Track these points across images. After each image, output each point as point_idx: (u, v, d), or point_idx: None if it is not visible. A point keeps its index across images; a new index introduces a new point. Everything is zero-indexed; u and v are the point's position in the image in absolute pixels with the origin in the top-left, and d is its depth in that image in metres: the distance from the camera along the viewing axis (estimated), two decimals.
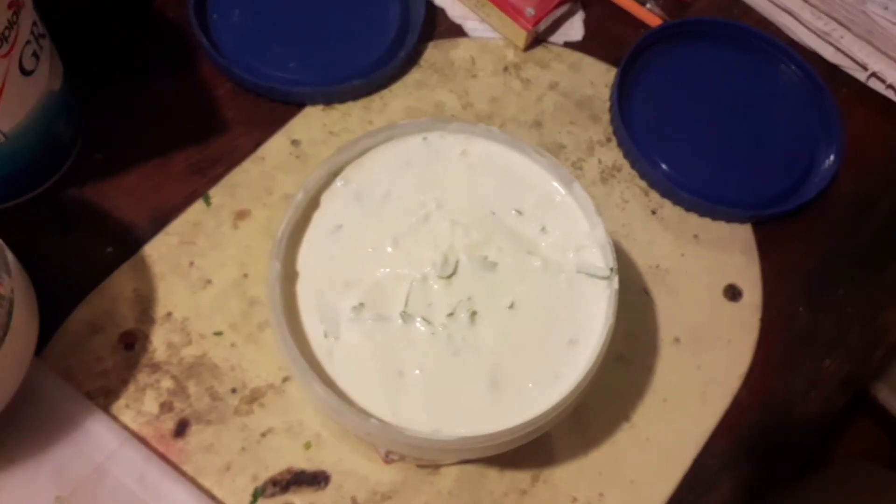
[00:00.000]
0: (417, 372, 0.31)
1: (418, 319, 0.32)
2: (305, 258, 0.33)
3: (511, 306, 0.32)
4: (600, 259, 0.33)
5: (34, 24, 0.38)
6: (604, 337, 0.31)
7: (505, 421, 0.30)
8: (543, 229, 0.34)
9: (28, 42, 0.37)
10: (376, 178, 0.34)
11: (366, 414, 0.29)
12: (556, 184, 0.35)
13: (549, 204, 0.35)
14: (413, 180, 0.35)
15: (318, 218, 0.33)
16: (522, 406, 0.30)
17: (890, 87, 0.52)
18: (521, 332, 0.32)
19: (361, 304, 0.32)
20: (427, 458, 0.33)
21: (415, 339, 0.31)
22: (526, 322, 0.32)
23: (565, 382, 0.31)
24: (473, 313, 0.32)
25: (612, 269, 0.33)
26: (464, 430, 0.29)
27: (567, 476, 0.40)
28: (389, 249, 0.33)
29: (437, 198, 0.34)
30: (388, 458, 0.36)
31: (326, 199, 0.34)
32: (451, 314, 0.32)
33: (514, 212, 0.34)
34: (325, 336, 0.31)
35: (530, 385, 0.31)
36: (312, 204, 0.34)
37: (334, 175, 0.34)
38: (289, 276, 0.32)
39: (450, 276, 0.33)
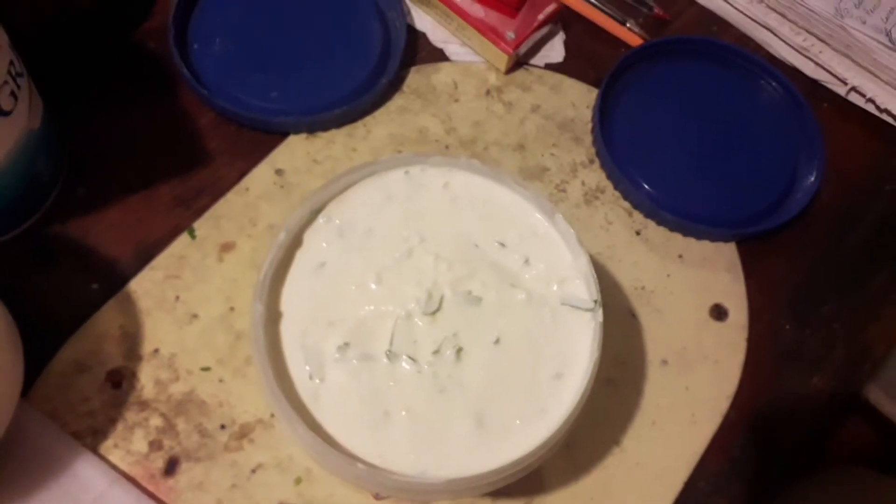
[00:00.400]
0: (404, 413, 0.31)
1: (404, 358, 0.32)
2: (289, 298, 0.33)
3: (496, 341, 0.32)
4: (584, 291, 0.33)
5: (11, 63, 0.37)
6: (590, 371, 0.31)
7: (493, 459, 0.30)
8: (527, 261, 0.34)
9: (6, 82, 0.37)
10: (359, 213, 0.34)
11: (352, 458, 0.29)
12: (538, 215, 0.35)
13: (531, 236, 0.35)
14: (396, 215, 0.35)
15: (300, 256, 0.33)
16: (510, 443, 0.30)
17: (870, 100, 0.53)
18: (506, 367, 0.32)
19: (346, 344, 0.32)
20: (416, 499, 0.33)
21: (400, 378, 0.31)
22: (511, 357, 0.32)
23: (552, 418, 0.31)
24: (459, 350, 0.32)
25: (595, 302, 0.33)
26: (451, 470, 0.29)
27: (558, 503, 0.40)
28: (373, 286, 0.33)
29: (420, 232, 0.34)
30: (378, 496, 0.36)
31: (309, 237, 0.34)
32: (436, 351, 0.32)
33: (497, 244, 0.34)
34: (311, 378, 0.31)
35: (517, 422, 0.31)
36: (295, 242, 0.34)
37: (317, 212, 0.34)
38: (273, 317, 0.32)
39: (434, 313, 0.33)
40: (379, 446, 0.30)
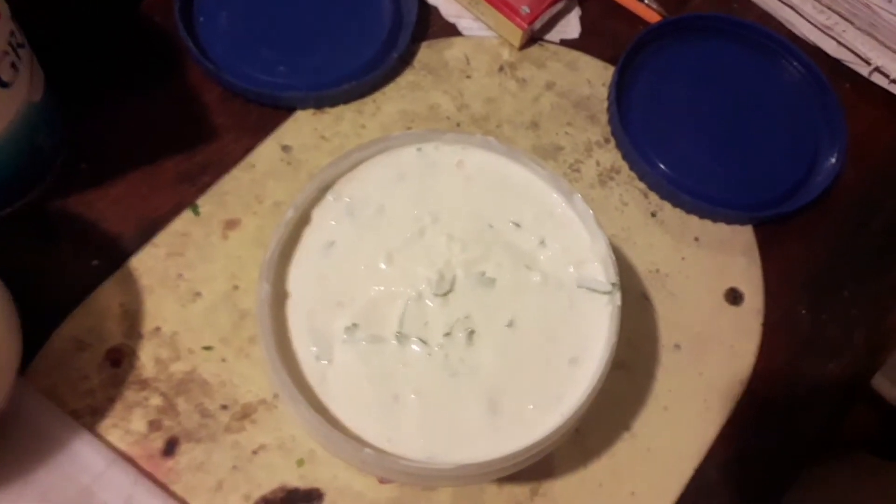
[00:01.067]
0: (413, 396, 0.30)
1: (414, 340, 0.31)
2: (296, 277, 0.31)
3: (510, 324, 0.31)
4: (601, 274, 0.32)
5: (12, 33, 0.36)
6: (606, 356, 0.30)
7: (504, 445, 0.29)
8: (542, 242, 0.33)
9: (6, 52, 0.35)
10: (369, 191, 0.33)
11: (359, 442, 0.28)
12: (555, 195, 0.34)
13: (548, 216, 0.34)
14: (407, 194, 0.33)
15: (309, 235, 0.32)
16: (522, 429, 0.29)
17: (893, 81, 0.51)
18: (520, 351, 0.31)
19: (355, 325, 0.31)
20: (423, 484, 0.32)
21: (410, 360, 0.30)
22: (525, 341, 0.31)
23: (567, 404, 0.30)
24: (471, 332, 0.31)
25: (613, 285, 0.32)
26: (461, 455, 0.28)
27: (567, 489, 0.39)
28: (383, 266, 0.32)
29: (433, 211, 0.33)
30: (383, 479, 0.35)
31: (318, 215, 0.33)
32: (447, 334, 0.31)
33: (512, 225, 0.33)
34: (318, 359, 0.30)
35: (530, 407, 0.30)
36: (303, 220, 0.32)
37: (325, 189, 0.33)
38: (279, 297, 0.31)
39: (446, 294, 0.32)
40: (387, 430, 0.29)
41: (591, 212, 0.32)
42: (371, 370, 0.30)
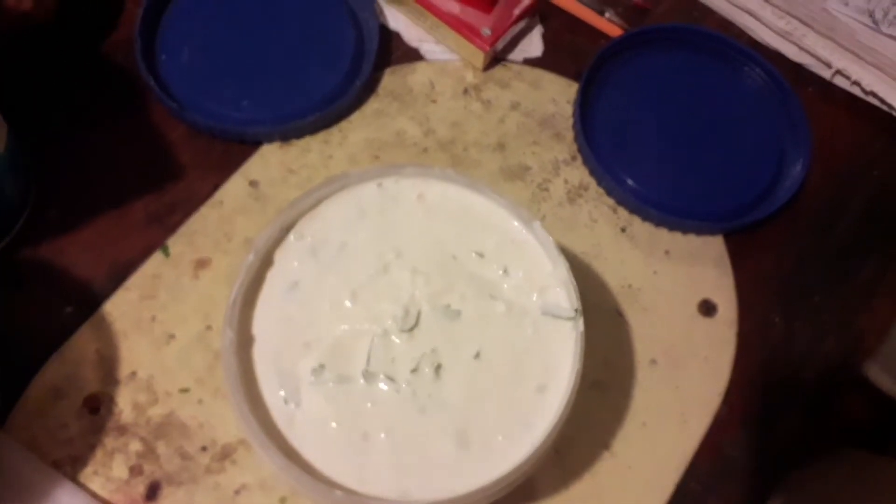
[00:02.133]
0: (383, 435, 0.30)
1: (381, 378, 0.31)
2: (261, 321, 0.32)
3: (477, 356, 0.32)
4: (565, 299, 0.33)
5: None
6: (573, 381, 0.30)
7: (476, 477, 0.29)
8: (506, 271, 0.33)
9: None
10: (331, 230, 0.34)
11: (330, 484, 0.28)
12: (516, 223, 0.34)
13: (510, 244, 0.34)
14: (370, 229, 0.34)
15: (272, 277, 0.32)
16: (493, 460, 0.29)
17: (855, 83, 0.52)
18: (488, 382, 0.31)
19: (322, 366, 0.31)
20: None
21: (378, 398, 0.30)
22: (492, 371, 0.31)
23: (536, 432, 0.30)
24: (438, 366, 0.31)
25: (576, 311, 0.32)
26: (434, 491, 0.29)
27: None
28: (348, 304, 0.32)
29: (396, 246, 0.33)
30: None
31: (280, 257, 0.33)
32: (414, 370, 0.31)
33: (475, 255, 0.34)
34: (286, 402, 0.30)
35: (500, 438, 0.30)
36: (266, 263, 0.33)
37: (287, 229, 0.33)
38: (244, 342, 0.31)
39: (412, 329, 0.32)
40: (358, 470, 0.29)
41: (550, 238, 0.33)
42: (339, 411, 0.30)
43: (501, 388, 0.31)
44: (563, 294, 0.33)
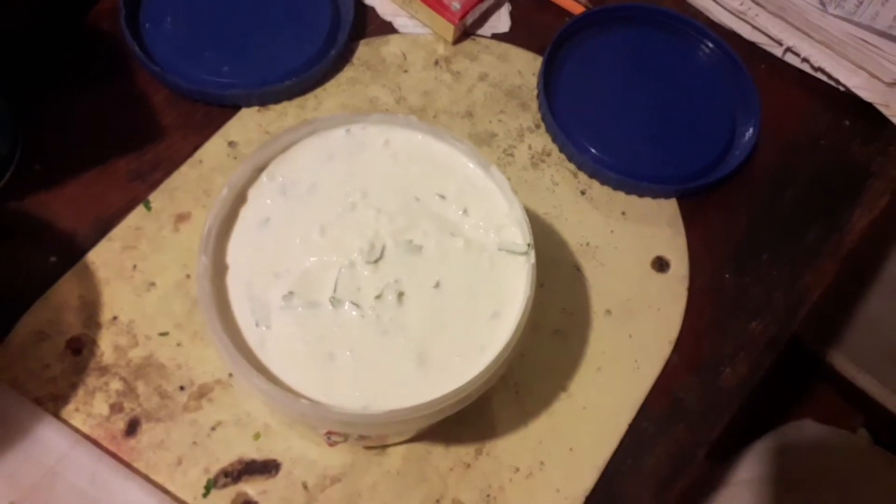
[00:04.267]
0: (348, 353, 0.32)
1: (347, 303, 0.33)
2: (235, 252, 0.34)
3: (436, 286, 0.34)
4: (519, 236, 0.35)
5: None
6: (523, 308, 0.33)
7: (434, 393, 0.31)
8: (465, 212, 0.36)
9: None
10: (301, 171, 0.36)
11: (296, 395, 0.30)
12: (475, 167, 0.36)
13: (470, 188, 0.36)
14: (338, 172, 0.36)
15: (245, 212, 0.35)
16: (450, 379, 0.32)
17: (805, 60, 0.55)
18: (446, 309, 0.33)
19: (291, 293, 0.33)
20: (362, 433, 0.34)
21: (344, 322, 0.33)
22: (451, 299, 0.34)
23: (490, 353, 0.32)
24: (401, 294, 0.33)
25: (529, 245, 0.34)
26: (393, 404, 0.31)
27: (509, 447, 0.41)
28: (317, 239, 0.34)
29: (363, 188, 0.36)
30: (330, 441, 0.37)
31: (253, 195, 0.35)
32: (378, 296, 0.33)
33: (437, 197, 0.36)
34: (257, 325, 0.32)
35: (457, 358, 0.32)
36: (239, 199, 0.35)
37: (259, 170, 0.36)
38: (219, 270, 0.33)
39: (377, 261, 0.34)
40: (324, 386, 0.31)
41: (506, 180, 0.35)
42: (307, 333, 0.32)
43: (459, 315, 0.33)
44: (517, 232, 0.35)
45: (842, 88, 0.54)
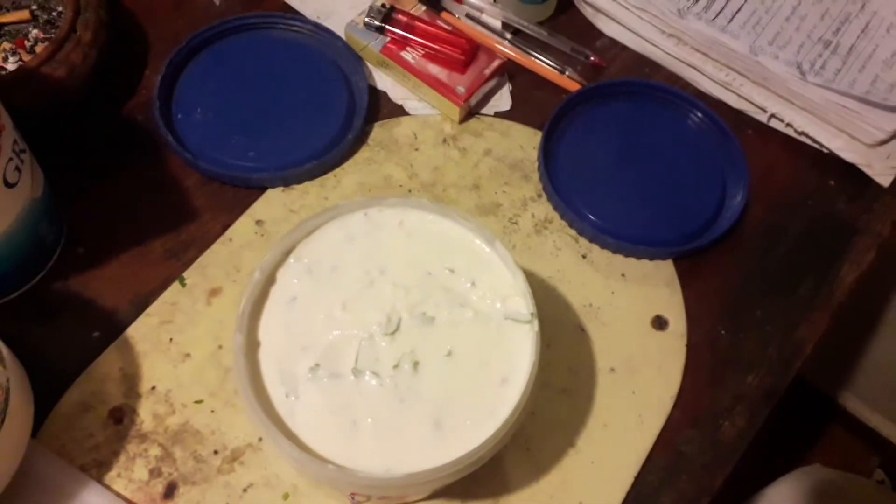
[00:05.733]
0: (369, 420, 0.35)
1: (368, 373, 0.36)
2: (266, 328, 0.37)
3: (448, 354, 0.37)
4: (523, 306, 0.38)
5: (15, 141, 0.43)
6: (529, 374, 0.36)
7: (448, 456, 0.34)
8: (473, 284, 0.39)
9: (10, 159, 0.42)
10: (325, 253, 0.40)
11: (324, 461, 0.34)
12: (481, 243, 0.40)
13: (476, 261, 0.40)
14: (357, 252, 0.40)
15: (275, 292, 0.38)
16: (463, 442, 0.35)
17: (789, 125, 0.58)
18: (458, 376, 0.37)
19: (317, 365, 0.36)
20: (383, 494, 0.37)
21: (365, 391, 0.36)
22: (462, 367, 0.37)
23: (499, 417, 0.35)
24: (416, 363, 0.37)
25: (532, 314, 0.37)
26: (412, 466, 0.34)
27: (521, 502, 0.44)
28: (339, 314, 0.38)
29: (380, 265, 0.39)
30: (354, 501, 0.40)
31: (281, 275, 0.39)
32: (396, 366, 0.36)
33: (447, 270, 0.39)
34: (287, 396, 0.36)
35: (468, 423, 0.35)
36: (269, 280, 0.39)
37: (287, 253, 0.39)
38: (252, 346, 0.37)
39: (393, 333, 0.37)
40: (349, 451, 0.34)
41: (509, 254, 0.39)
42: (332, 402, 0.36)
43: (470, 381, 0.37)
44: (521, 302, 0.38)
45: (825, 150, 0.58)
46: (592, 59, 0.60)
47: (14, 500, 0.41)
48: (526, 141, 0.57)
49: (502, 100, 0.58)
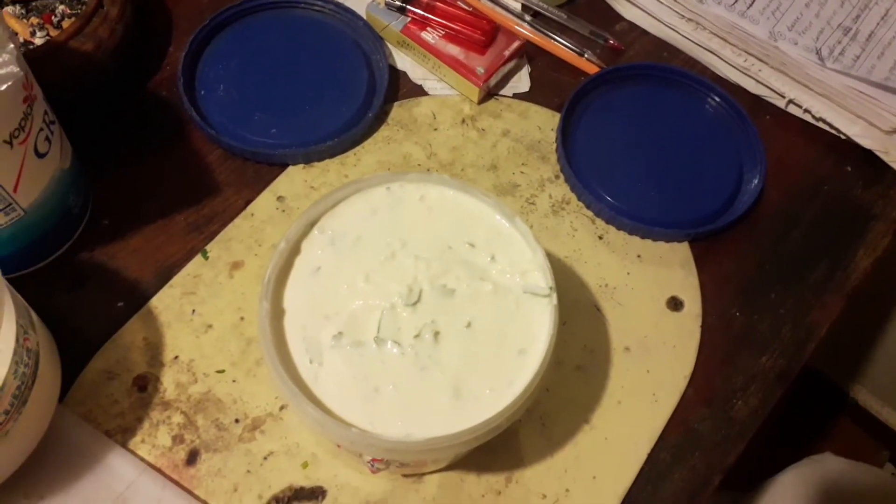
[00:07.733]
0: (391, 387, 0.36)
1: (389, 342, 0.37)
2: (290, 297, 0.38)
3: (468, 325, 0.38)
4: (542, 280, 0.39)
5: (45, 112, 0.44)
6: (547, 345, 0.37)
7: (468, 423, 0.35)
8: (493, 258, 0.40)
9: (41, 129, 0.43)
10: (348, 225, 0.40)
11: (347, 425, 0.34)
12: (501, 219, 0.41)
13: (496, 236, 0.40)
14: (380, 225, 0.40)
15: (299, 262, 0.39)
16: (482, 410, 0.35)
17: (807, 111, 0.59)
18: (477, 346, 0.37)
19: (340, 333, 0.37)
20: (403, 460, 0.38)
21: (387, 359, 0.37)
22: (481, 338, 0.38)
23: (517, 387, 0.36)
24: (437, 333, 0.37)
25: (551, 288, 0.38)
26: (431, 432, 0.34)
27: (536, 476, 0.45)
28: (362, 285, 0.39)
29: (402, 238, 0.40)
30: (373, 468, 0.41)
31: (306, 246, 0.40)
32: (417, 336, 0.37)
33: (467, 245, 0.40)
34: (311, 363, 0.37)
35: (487, 391, 0.36)
36: (294, 251, 0.39)
37: (312, 225, 0.40)
38: (276, 314, 0.38)
39: (415, 304, 0.38)
40: (370, 416, 0.35)
41: (529, 230, 0.39)
42: (355, 369, 0.36)
43: (489, 352, 0.37)
44: (540, 276, 0.39)
45: (843, 136, 0.58)
46: (611, 42, 0.61)
47: (42, 462, 0.42)
48: (544, 122, 0.57)
49: (521, 81, 0.59)
